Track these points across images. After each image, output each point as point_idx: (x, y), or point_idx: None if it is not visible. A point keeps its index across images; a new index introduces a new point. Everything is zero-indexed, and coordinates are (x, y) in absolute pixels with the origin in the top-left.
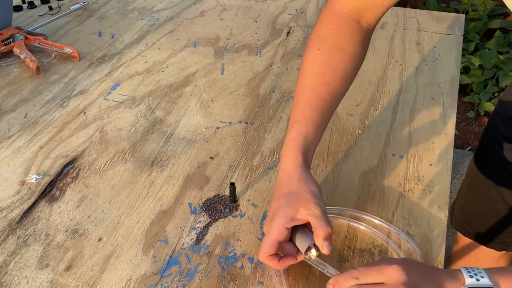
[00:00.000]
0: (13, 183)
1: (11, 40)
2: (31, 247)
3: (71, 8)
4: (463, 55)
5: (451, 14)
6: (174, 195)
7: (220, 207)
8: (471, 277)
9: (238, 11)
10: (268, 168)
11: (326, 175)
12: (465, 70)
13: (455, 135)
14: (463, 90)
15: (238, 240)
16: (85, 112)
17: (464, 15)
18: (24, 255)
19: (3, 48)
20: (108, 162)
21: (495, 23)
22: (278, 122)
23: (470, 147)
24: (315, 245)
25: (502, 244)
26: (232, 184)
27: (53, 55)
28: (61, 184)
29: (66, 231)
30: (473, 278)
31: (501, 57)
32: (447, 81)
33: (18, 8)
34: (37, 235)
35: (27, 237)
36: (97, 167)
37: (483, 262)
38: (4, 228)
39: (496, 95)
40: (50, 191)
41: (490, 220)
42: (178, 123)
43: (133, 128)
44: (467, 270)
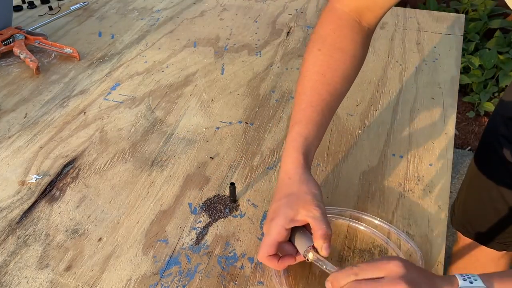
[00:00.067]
0: (13, 183)
1: (11, 40)
2: (31, 247)
3: (71, 8)
4: (463, 55)
5: (451, 14)
6: (174, 195)
7: (220, 207)
8: (464, 280)
9: (238, 11)
10: (268, 168)
11: (326, 175)
12: (465, 70)
13: (455, 135)
14: (463, 90)
15: (238, 240)
16: (85, 112)
17: (464, 15)
18: (24, 255)
19: (3, 48)
20: (108, 162)
21: (495, 23)
22: (278, 122)
23: (470, 147)
24: (314, 246)
25: (502, 244)
26: (232, 184)
27: (53, 55)
28: (61, 184)
29: (66, 231)
30: (466, 281)
31: (501, 57)
32: (447, 81)
33: (18, 8)
34: (37, 235)
35: (27, 237)
36: (97, 167)
37: (483, 262)
38: (4, 228)
39: (496, 95)
40: (50, 191)
41: (490, 220)
42: (178, 123)
43: (133, 128)
44: (462, 275)
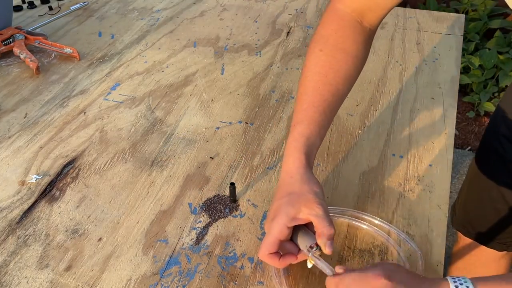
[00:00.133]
0: (13, 183)
1: (11, 40)
2: (31, 247)
3: (71, 8)
4: (463, 55)
5: (451, 14)
6: (174, 195)
7: (220, 207)
8: (456, 286)
9: (238, 11)
10: (268, 168)
11: (326, 175)
12: (465, 70)
13: (455, 135)
14: (463, 90)
15: (238, 240)
16: (85, 112)
17: (464, 15)
18: (24, 255)
19: (3, 48)
20: (108, 162)
21: (495, 23)
22: (278, 122)
23: (470, 147)
24: (317, 244)
25: (502, 244)
26: (232, 184)
27: (53, 55)
28: (61, 184)
29: (66, 231)
30: (458, 287)
31: (501, 57)
32: (447, 81)
33: (18, 8)
34: (37, 235)
35: (27, 237)
36: (97, 167)
37: (484, 262)
38: (4, 228)
39: (496, 95)
40: (50, 191)
41: (490, 220)
42: (178, 123)
43: (133, 128)
44: (453, 278)
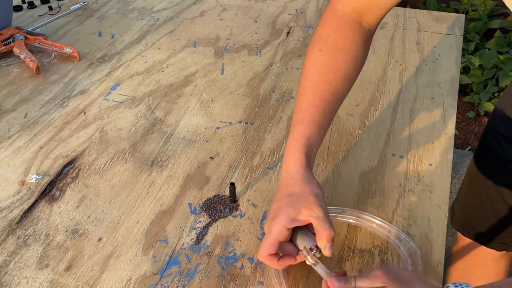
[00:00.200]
0: (13, 183)
1: (11, 40)
2: (31, 247)
3: (71, 8)
4: (463, 55)
5: (451, 14)
6: (174, 195)
7: (220, 207)
8: None
9: (238, 11)
10: (268, 168)
11: (326, 175)
12: (465, 70)
13: (455, 135)
14: (463, 90)
15: (238, 240)
16: (85, 112)
17: (464, 15)
18: (24, 255)
19: (3, 48)
20: (108, 162)
21: (495, 23)
22: (278, 122)
23: (470, 147)
24: (317, 246)
25: (502, 244)
26: (232, 184)
27: (53, 55)
28: (61, 184)
29: (66, 231)
30: None
31: (501, 57)
32: (447, 81)
33: (18, 8)
34: (37, 235)
35: (27, 237)
36: (97, 167)
37: (483, 262)
38: (4, 228)
39: (496, 95)
40: (50, 191)
41: (490, 220)
42: (178, 123)
43: (133, 128)
44: (455, 285)
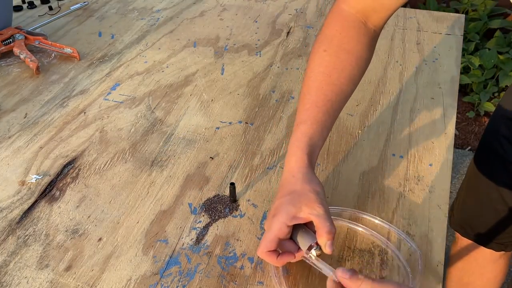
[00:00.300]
0: (13, 183)
1: (11, 40)
2: (31, 247)
3: (71, 8)
4: (463, 55)
5: (451, 14)
6: (174, 195)
7: (220, 207)
8: None
9: (238, 11)
10: (268, 168)
11: (326, 175)
12: (465, 70)
13: (455, 135)
14: (463, 90)
15: (238, 240)
16: (85, 112)
17: (464, 15)
18: (24, 255)
19: (3, 48)
20: (108, 162)
21: (495, 23)
22: (278, 122)
23: (470, 147)
24: (317, 243)
25: (501, 244)
26: (232, 184)
27: (53, 55)
28: (61, 184)
29: (66, 231)
30: None
31: (501, 57)
32: (447, 81)
33: (18, 8)
34: (37, 235)
35: (27, 237)
36: (97, 167)
37: (482, 262)
38: (4, 228)
39: (496, 95)
40: (50, 191)
41: (489, 220)
42: (178, 123)
43: (133, 128)
44: None
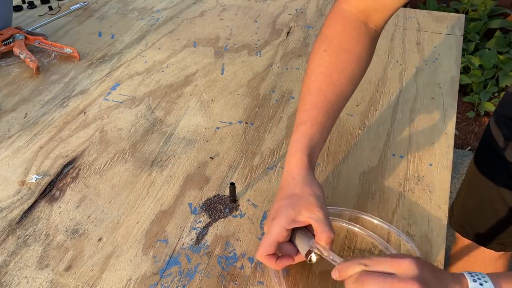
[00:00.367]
0: (13, 183)
1: (11, 40)
2: (31, 247)
3: (71, 8)
4: (463, 55)
5: (451, 14)
6: (174, 195)
7: (220, 207)
8: (474, 281)
9: (238, 11)
10: (268, 168)
11: (326, 175)
12: (465, 70)
13: (455, 135)
14: (463, 90)
15: (238, 240)
16: (85, 112)
17: (464, 15)
18: (24, 255)
19: (3, 48)
20: (108, 162)
21: (495, 23)
22: (278, 122)
23: (470, 147)
24: (316, 247)
25: (501, 244)
26: (232, 184)
27: (53, 55)
28: (61, 184)
29: (66, 231)
30: (476, 282)
31: (501, 57)
32: (447, 81)
33: (18, 8)
34: (37, 235)
35: (27, 237)
36: (97, 167)
37: (482, 262)
38: (4, 228)
39: (496, 95)
40: (50, 191)
41: (489, 221)
42: (178, 123)
43: (133, 128)
44: (470, 274)
